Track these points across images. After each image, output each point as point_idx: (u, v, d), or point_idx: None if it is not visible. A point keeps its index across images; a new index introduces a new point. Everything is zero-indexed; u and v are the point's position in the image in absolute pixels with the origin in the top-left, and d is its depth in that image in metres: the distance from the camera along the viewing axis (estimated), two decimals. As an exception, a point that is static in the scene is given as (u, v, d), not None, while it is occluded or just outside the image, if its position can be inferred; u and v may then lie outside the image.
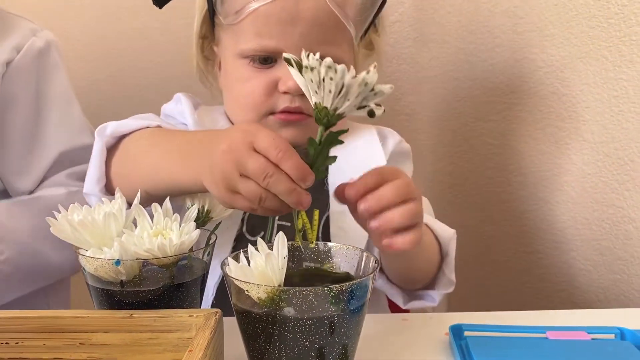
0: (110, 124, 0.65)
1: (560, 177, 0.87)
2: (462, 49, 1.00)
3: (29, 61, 0.71)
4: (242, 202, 0.49)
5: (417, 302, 0.66)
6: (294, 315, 0.41)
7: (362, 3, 0.69)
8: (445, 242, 0.66)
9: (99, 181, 0.64)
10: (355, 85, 0.45)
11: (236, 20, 0.67)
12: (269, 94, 0.68)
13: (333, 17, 0.66)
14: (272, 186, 0.47)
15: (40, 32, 0.74)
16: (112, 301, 0.49)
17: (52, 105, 0.71)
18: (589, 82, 0.80)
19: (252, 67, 0.69)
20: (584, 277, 0.86)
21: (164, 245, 0.48)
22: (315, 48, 0.67)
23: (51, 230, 0.50)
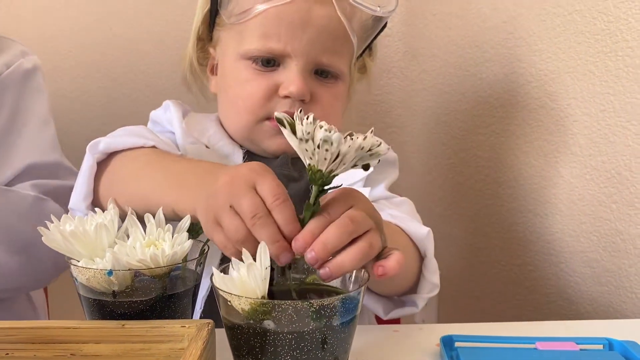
0: (102, 140, 0.64)
1: (548, 190, 0.88)
2: (451, 63, 1.01)
3: (15, 78, 0.75)
4: (220, 237, 0.47)
5: (399, 310, 0.64)
6: (274, 329, 0.41)
7: (367, 20, 0.70)
8: (420, 242, 0.64)
9: (86, 198, 0.63)
10: (352, 151, 0.44)
11: (242, 19, 0.67)
12: (269, 98, 0.68)
13: (341, 28, 0.67)
14: (257, 229, 0.45)
15: (29, 56, 0.79)
16: (104, 311, 0.49)
17: (28, 122, 0.75)
18: (577, 97, 0.81)
19: (253, 69, 0.68)
20: (573, 288, 0.87)
21: (156, 256, 0.48)
22: (321, 56, 0.68)
23: (43, 239, 0.50)
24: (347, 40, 0.69)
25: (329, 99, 0.70)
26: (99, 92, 1.10)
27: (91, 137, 1.14)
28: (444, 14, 1.02)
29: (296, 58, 0.67)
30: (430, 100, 1.07)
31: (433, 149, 1.08)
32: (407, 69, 1.11)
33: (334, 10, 0.66)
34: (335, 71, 0.70)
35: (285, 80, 0.67)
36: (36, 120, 0.76)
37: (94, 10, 1.06)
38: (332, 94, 0.70)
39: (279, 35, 0.66)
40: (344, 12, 0.67)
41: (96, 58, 1.08)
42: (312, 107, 0.69)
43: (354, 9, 0.67)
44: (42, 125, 0.76)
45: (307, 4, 0.66)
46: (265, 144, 0.70)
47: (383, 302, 0.65)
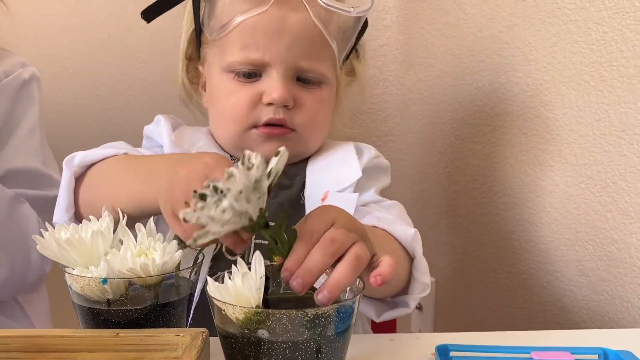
0: (78, 154, 0.66)
1: (543, 199, 0.88)
2: (447, 72, 1.02)
3: (12, 87, 0.79)
4: (180, 229, 0.49)
5: (391, 312, 0.64)
6: (269, 338, 0.41)
7: (344, 22, 0.71)
8: (408, 244, 0.64)
9: (67, 210, 0.64)
10: (253, 183, 0.43)
11: (222, 33, 0.69)
12: (253, 107, 0.69)
13: (317, 33, 0.68)
14: None
15: (28, 67, 0.82)
16: (98, 320, 0.49)
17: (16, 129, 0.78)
18: (572, 106, 0.82)
19: (236, 81, 0.70)
20: (568, 297, 0.87)
21: (146, 265, 0.48)
22: (300, 61, 0.69)
23: (37, 248, 0.50)
24: (326, 44, 0.69)
25: (313, 104, 0.71)
26: (97, 99, 1.10)
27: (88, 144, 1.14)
28: (440, 23, 1.02)
29: (275, 65, 0.68)
30: (427, 109, 1.07)
31: (429, 157, 1.09)
32: (404, 78, 1.11)
33: (308, 15, 0.67)
34: (317, 76, 0.71)
35: (267, 88, 0.68)
36: (24, 129, 0.79)
37: (91, 18, 1.07)
38: (316, 98, 0.71)
39: (257, 44, 0.68)
40: (318, 17, 0.68)
41: (93, 65, 1.09)
42: (297, 113, 0.70)
43: (329, 13, 0.68)
44: (29, 133, 0.79)
45: (281, 12, 0.67)
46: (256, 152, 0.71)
47: (375, 304, 0.65)
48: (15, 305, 0.81)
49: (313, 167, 0.74)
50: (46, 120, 1.08)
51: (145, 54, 1.06)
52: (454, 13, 0.99)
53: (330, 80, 0.73)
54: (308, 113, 0.71)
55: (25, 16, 1.07)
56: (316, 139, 0.74)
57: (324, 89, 0.72)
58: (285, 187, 0.72)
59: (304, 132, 0.72)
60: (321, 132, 0.75)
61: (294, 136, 0.71)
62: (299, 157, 0.74)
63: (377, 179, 0.75)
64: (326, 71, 0.71)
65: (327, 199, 0.69)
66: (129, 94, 1.10)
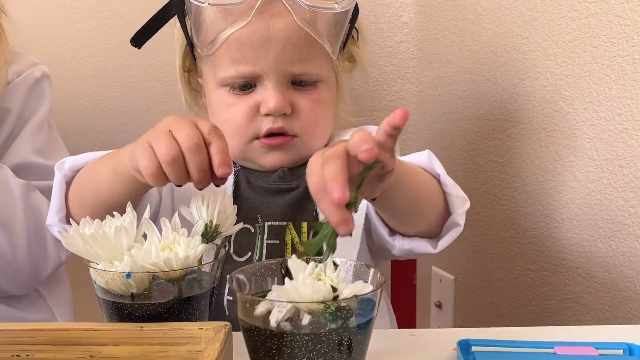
0: (68, 159, 0.68)
1: (565, 195, 0.87)
2: (465, 68, 1.01)
3: (25, 85, 0.82)
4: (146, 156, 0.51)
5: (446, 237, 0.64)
6: (291, 330, 0.41)
7: (333, 16, 0.69)
8: (427, 165, 0.64)
9: (58, 211, 0.66)
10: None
11: (212, 50, 0.69)
12: (252, 118, 0.69)
13: (304, 35, 0.67)
14: (190, 152, 0.51)
15: (39, 66, 0.85)
16: (122, 314, 0.50)
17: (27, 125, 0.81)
18: (593, 101, 0.81)
19: (232, 94, 0.70)
20: (591, 294, 0.86)
21: (169, 259, 0.49)
22: (291, 68, 0.68)
23: (63, 243, 0.51)
24: (317, 43, 0.68)
25: (311, 106, 0.70)
26: (117, 100, 1.12)
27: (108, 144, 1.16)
28: (458, 19, 1.02)
29: (268, 75, 0.68)
30: (445, 106, 1.07)
31: (448, 154, 1.08)
32: (422, 75, 1.11)
33: (293, 19, 0.66)
34: (312, 77, 0.70)
35: (263, 98, 0.68)
36: (33, 124, 0.81)
37: (111, 21, 1.08)
38: (313, 100, 0.71)
39: (245, 58, 0.67)
40: (303, 19, 0.67)
41: (113, 67, 1.10)
42: (296, 118, 0.70)
43: (314, 13, 0.67)
44: (37, 129, 0.82)
45: (264, 22, 0.66)
46: (260, 161, 0.72)
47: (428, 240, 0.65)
48: (38, 298, 0.83)
49: None
50: (67, 120, 1.10)
51: (165, 55, 1.07)
52: (472, 9, 0.99)
53: (327, 77, 0.72)
54: (307, 117, 0.70)
55: (46, 19, 1.08)
56: (320, 139, 0.74)
57: (321, 88, 0.71)
58: (292, 189, 0.72)
59: (306, 136, 0.71)
60: (324, 132, 0.74)
61: (297, 142, 0.71)
62: (306, 158, 0.73)
63: None
64: (320, 70, 0.70)
65: None
66: (148, 95, 1.12)
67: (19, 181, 0.76)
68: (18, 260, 0.75)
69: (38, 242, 0.76)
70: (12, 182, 0.76)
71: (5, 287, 0.77)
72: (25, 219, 0.74)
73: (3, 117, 0.79)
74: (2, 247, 0.74)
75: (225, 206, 0.57)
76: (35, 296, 0.82)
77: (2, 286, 0.77)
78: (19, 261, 0.75)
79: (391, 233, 0.66)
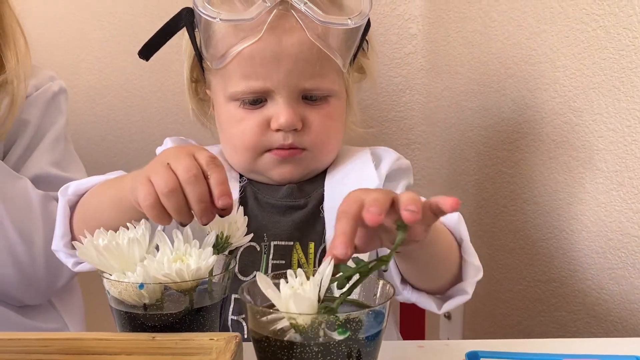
0: (72, 184, 0.69)
1: (574, 206, 0.87)
2: (474, 79, 1.02)
3: (42, 99, 0.84)
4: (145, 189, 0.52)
5: (452, 301, 0.64)
6: (301, 342, 0.42)
7: (345, 32, 0.68)
8: (454, 228, 0.64)
9: (63, 237, 0.66)
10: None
11: (222, 64, 0.68)
12: (262, 133, 0.69)
13: (316, 50, 0.67)
14: (189, 184, 0.51)
15: (56, 80, 0.87)
16: (135, 324, 0.50)
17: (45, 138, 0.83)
18: (602, 112, 0.81)
19: (242, 109, 0.69)
20: (601, 306, 0.85)
21: (181, 271, 0.49)
22: (303, 83, 0.68)
23: (77, 253, 0.52)
24: (328, 58, 0.68)
25: (322, 121, 0.70)
26: (129, 110, 1.13)
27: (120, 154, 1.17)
28: (466, 31, 1.03)
29: (279, 91, 0.67)
30: (454, 117, 1.07)
31: (457, 165, 1.09)
32: (430, 86, 1.11)
33: (305, 34, 0.66)
34: (323, 92, 0.70)
35: (274, 113, 0.68)
36: (51, 137, 0.83)
37: (123, 32, 1.10)
38: (324, 114, 0.70)
39: (257, 73, 0.67)
40: (315, 34, 0.66)
41: (125, 77, 1.12)
42: (307, 133, 0.69)
43: (326, 28, 0.66)
44: (54, 142, 0.83)
45: (275, 37, 0.65)
46: (270, 174, 0.72)
47: (434, 299, 0.65)
48: (50, 308, 0.84)
49: (331, 180, 0.73)
50: (80, 131, 1.11)
51: (176, 66, 1.09)
52: (480, 20, 0.99)
53: (338, 91, 0.71)
54: (318, 131, 0.70)
55: (60, 30, 1.10)
56: (330, 153, 0.74)
57: (332, 102, 0.71)
58: (300, 207, 0.72)
59: (316, 150, 0.71)
60: (334, 145, 0.74)
61: (307, 155, 0.71)
62: (315, 172, 0.74)
63: (400, 178, 0.74)
64: (332, 85, 0.70)
65: None
66: (159, 105, 1.13)
67: (38, 192, 0.78)
68: (36, 270, 0.76)
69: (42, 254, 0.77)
70: (31, 193, 0.77)
71: (22, 296, 0.78)
72: (44, 229, 0.76)
73: (21, 129, 0.81)
74: (21, 257, 0.75)
75: (236, 217, 0.57)
76: (48, 306, 0.83)
77: (19, 296, 0.78)
78: (37, 271, 0.76)
79: (402, 281, 0.65)
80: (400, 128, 1.14)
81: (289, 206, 0.72)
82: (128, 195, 0.56)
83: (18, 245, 0.75)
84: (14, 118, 0.78)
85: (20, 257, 0.75)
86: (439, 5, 1.07)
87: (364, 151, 0.76)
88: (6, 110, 0.77)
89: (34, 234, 0.76)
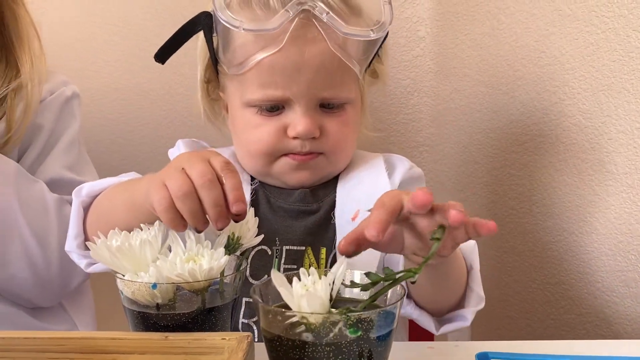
0: (85, 185, 0.69)
1: (583, 209, 0.87)
2: (483, 81, 1.02)
3: (56, 103, 0.85)
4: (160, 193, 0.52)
5: (450, 325, 0.64)
6: (313, 341, 0.42)
7: (365, 42, 0.68)
8: (467, 255, 0.64)
9: (76, 237, 0.67)
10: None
11: (240, 71, 0.68)
12: (279, 140, 0.69)
13: (337, 60, 0.66)
14: (204, 188, 0.51)
15: (70, 85, 0.88)
16: (147, 324, 0.51)
17: (59, 143, 0.84)
18: (611, 114, 0.81)
19: (259, 115, 0.69)
20: (610, 309, 0.85)
21: (194, 271, 0.50)
22: (322, 92, 0.67)
23: (91, 254, 0.52)
24: (346, 68, 0.68)
25: (339, 128, 0.70)
26: (139, 113, 1.14)
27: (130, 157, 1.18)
28: (475, 33, 1.03)
29: (297, 100, 0.67)
30: (462, 119, 1.08)
31: (466, 167, 1.09)
32: (439, 88, 1.12)
33: (327, 45, 0.65)
34: (341, 101, 0.70)
35: (291, 121, 0.68)
36: (65, 141, 0.84)
37: (132, 36, 1.11)
38: (341, 122, 0.70)
39: (276, 83, 0.66)
40: (336, 44, 0.66)
41: (137, 81, 1.12)
42: (323, 140, 0.69)
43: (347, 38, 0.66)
44: (69, 146, 0.84)
45: (297, 48, 0.65)
46: (285, 178, 0.72)
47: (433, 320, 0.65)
48: (61, 310, 0.84)
49: (343, 186, 0.73)
50: (90, 133, 1.12)
51: (185, 69, 1.09)
52: (489, 23, 0.99)
53: (354, 98, 0.72)
54: (335, 138, 0.70)
55: (70, 34, 1.11)
56: (345, 159, 0.74)
57: (348, 110, 0.71)
58: (313, 212, 0.72)
59: (333, 156, 0.71)
60: (350, 151, 0.74)
61: (322, 159, 0.71)
62: (328, 177, 0.74)
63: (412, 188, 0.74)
64: (349, 93, 0.70)
65: (358, 218, 0.69)
66: (168, 108, 1.14)
67: (53, 195, 0.79)
68: (50, 272, 0.77)
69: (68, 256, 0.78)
70: (47, 196, 0.78)
71: (34, 298, 0.79)
72: (58, 232, 0.76)
73: (36, 134, 0.82)
74: (37, 259, 0.76)
75: (247, 218, 0.58)
76: (59, 308, 0.84)
77: (31, 297, 0.79)
78: (51, 273, 0.77)
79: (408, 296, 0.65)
80: (409, 130, 1.14)
81: (301, 211, 0.72)
82: (142, 198, 0.56)
83: (34, 248, 0.76)
84: (28, 122, 0.79)
85: (35, 259, 0.76)
86: (447, 8, 1.07)
87: (377, 158, 0.76)
88: (21, 114, 0.78)
89: (50, 237, 0.77)
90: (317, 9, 0.64)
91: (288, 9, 0.64)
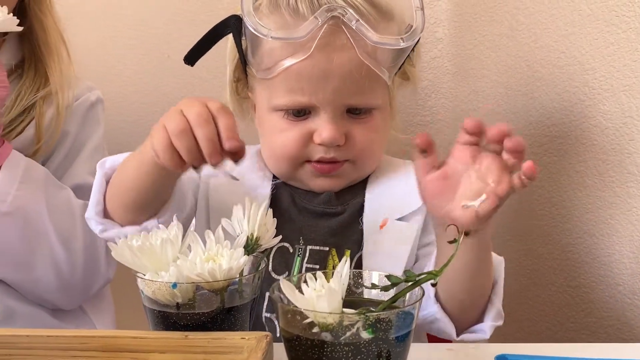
0: (109, 158, 0.70)
1: (604, 211, 0.86)
2: (501, 82, 1.01)
3: (81, 109, 0.86)
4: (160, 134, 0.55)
5: (470, 335, 0.64)
6: (332, 341, 0.42)
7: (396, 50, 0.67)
8: (495, 268, 0.64)
9: (96, 205, 0.68)
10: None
11: (268, 76, 0.68)
12: (304, 145, 0.69)
13: (366, 68, 0.66)
14: (199, 126, 0.53)
15: (94, 91, 0.89)
16: (167, 323, 0.51)
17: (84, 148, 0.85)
18: (632, 115, 0.80)
19: (286, 120, 0.69)
20: (632, 312, 0.84)
21: (213, 270, 0.50)
22: (348, 100, 0.67)
23: (112, 254, 0.53)
24: (375, 75, 0.67)
25: (366, 135, 0.70)
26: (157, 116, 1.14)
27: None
28: (493, 34, 1.02)
29: (323, 107, 0.67)
30: (481, 121, 1.07)
31: (484, 169, 1.08)
32: (457, 90, 1.11)
33: (355, 53, 0.65)
34: (368, 107, 0.69)
35: (317, 127, 0.68)
36: (90, 147, 0.85)
37: (153, 40, 1.12)
38: (368, 128, 0.70)
39: (303, 89, 0.66)
40: (365, 52, 0.65)
41: (155, 85, 1.14)
42: (349, 147, 0.69)
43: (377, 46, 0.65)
44: (93, 152, 0.85)
45: (325, 55, 0.65)
46: (309, 184, 0.72)
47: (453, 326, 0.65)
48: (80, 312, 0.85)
49: (372, 191, 0.73)
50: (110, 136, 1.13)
51: (204, 72, 1.10)
52: (507, 24, 0.99)
53: (383, 104, 0.71)
54: (362, 146, 0.70)
55: (91, 38, 1.13)
56: (372, 165, 0.74)
57: (376, 115, 0.70)
58: (337, 214, 0.72)
59: (359, 163, 0.71)
60: (377, 157, 0.74)
61: (348, 166, 0.71)
62: (355, 182, 0.74)
63: None
64: (377, 100, 0.69)
65: (385, 227, 0.69)
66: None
67: (79, 202, 0.79)
68: (74, 276, 0.78)
69: (92, 260, 0.79)
70: (74, 202, 0.79)
71: (57, 301, 0.80)
72: (83, 237, 0.77)
73: (61, 140, 0.83)
74: (62, 264, 0.77)
75: (265, 219, 0.58)
76: (79, 310, 0.85)
77: (54, 300, 0.80)
78: (75, 278, 0.78)
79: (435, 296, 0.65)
80: (426, 132, 1.14)
81: (325, 212, 0.72)
82: (149, 151, 0.58)
83: (60, 253, 0.77)
84: (59, 129, 0.80)
85: (60, 264, 0.77)
86: (465, 9, 1.07)
87: (405, 164, 0.75)
88: (51, 121, 0.80)
89: (75, 243, 0.77)
90: (346, 15, 0.64)
91: (317, 17, 0.64)
